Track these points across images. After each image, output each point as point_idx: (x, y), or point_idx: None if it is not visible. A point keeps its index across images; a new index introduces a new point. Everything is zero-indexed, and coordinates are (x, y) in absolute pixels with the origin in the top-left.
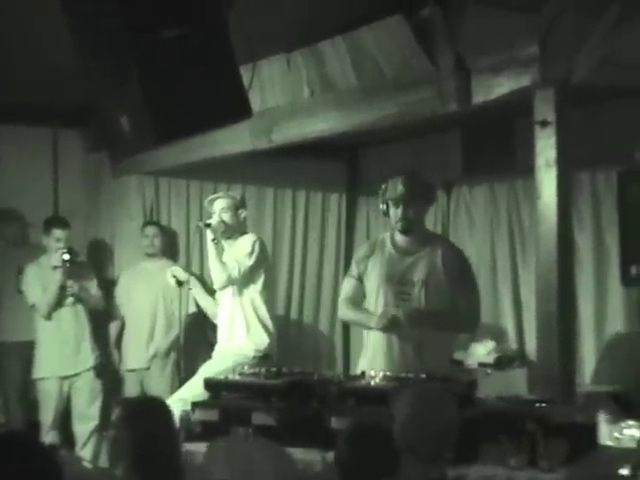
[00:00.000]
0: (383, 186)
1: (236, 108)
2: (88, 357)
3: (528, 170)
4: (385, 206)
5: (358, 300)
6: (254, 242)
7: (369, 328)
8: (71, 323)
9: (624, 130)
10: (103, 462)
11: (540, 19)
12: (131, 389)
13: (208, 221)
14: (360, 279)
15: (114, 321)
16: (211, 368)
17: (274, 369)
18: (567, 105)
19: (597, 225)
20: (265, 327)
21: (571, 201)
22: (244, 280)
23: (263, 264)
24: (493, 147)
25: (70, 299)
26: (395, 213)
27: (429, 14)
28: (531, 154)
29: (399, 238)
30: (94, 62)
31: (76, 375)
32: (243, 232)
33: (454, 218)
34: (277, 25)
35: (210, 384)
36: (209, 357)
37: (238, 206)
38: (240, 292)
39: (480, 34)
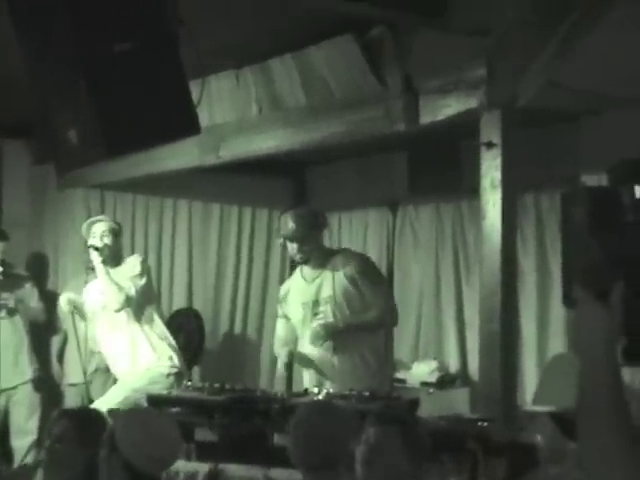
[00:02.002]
0: (277, 224)
1: (185, 124)
2: (26, 370)
3: (473, 191)
4: (282, 241)
5: (290, 338)
6: (142, 262)
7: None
8: (8, 335)
9: (569, 153)
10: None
11: (487, 42)
12: (71, 404)
13: (92, 243)
14: (286, 316)
15: (56, 334)
16: (124, 388)
17: (217, 385)
18: (513, 127)
19: (541, 247)
20: (170, 345)
21: (516, 222)
22: (141, 301)
23: (152, 285)
24: (439, 167)
25: (3, 311)
26: (292, 247)
27: (378, 34)
28: (476, 175)
29: (304, 267)
30: (42, 75)
31: (14, 388)
32: (121, 259)
33: (399, 237)
34: (227, 41)
35: (153, 399)
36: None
37: (117, 232)
38: (137, 315)
39: (428, 55)
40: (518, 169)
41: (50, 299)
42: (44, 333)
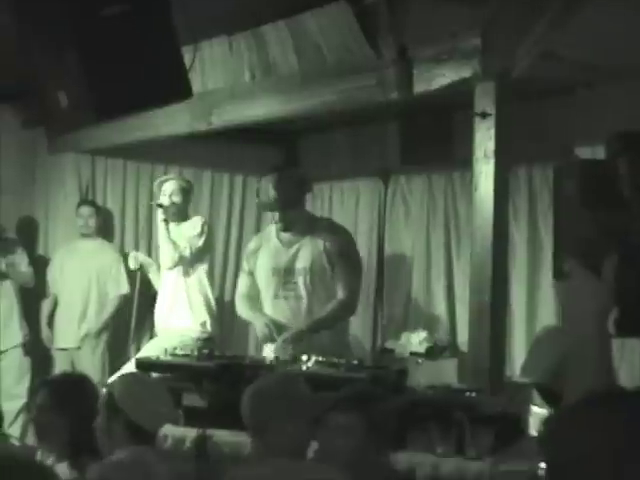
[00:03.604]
0: (256, 188)
1: (176, 88)
2: (16, 334)
3: (466, 162)
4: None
5: (253, 294)
6: (203, 224)
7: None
8: None
9: (563, 125)
10: (30, 440)
11: (483, 11)
12: (61, 368)
13: (159, 201)
14: (251, 273)
15: (46, 299)
16: (154, 347)
17: (206, 351)
18: (507, 98)
19: (532, 219)
20: (209, 309)
21: (508, 194)
22: (193, 260)
23: (210, 246)
24: (431, 138)
25: None
26: (272, 215)
27: (373, 2)
28: (469, 146)
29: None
30: (32, 37)
31: (4, 352)
32: (186, 216)
33: (390, 207)
34: (220, 7)
35: (142, 364)
36: (141, 339)
37: (187, 190)
38: (187, 272)
39: (423, 24)
40: (511, 141)
41: (40, 264)
42: (33, 297)
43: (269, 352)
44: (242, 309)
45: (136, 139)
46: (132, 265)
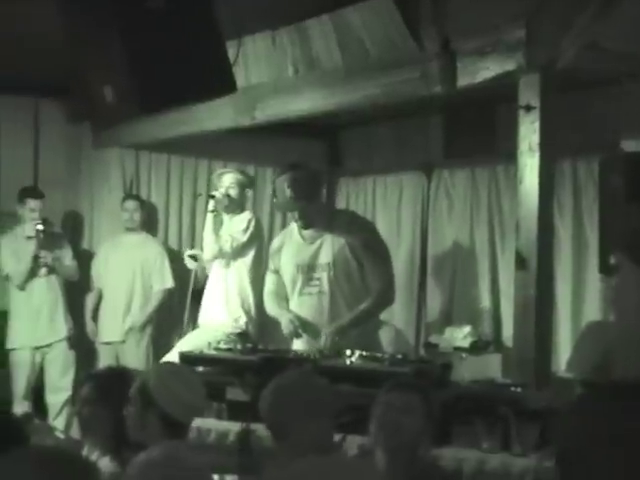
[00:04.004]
0: (272, 189)
1: (221, 82)
2: (61, 328)
3: (509, 155)
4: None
5: (280, 292)
6: (250, 220)
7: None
8: (44, 293)
9: (608, 118)
10: (75, 433)
11: (527, 3)
12: (106, 362)
13: (213, 192)
14: (277, 272)
15: (90, 293)
16: (189, 341)
17: (250, 345)
18: (552, 90)
19: (577, 213)
20: (244, 304)
21: (553, 187)
22: (234, 256)
23: (256, 242)
24: (475, 131)
25: (44, 269)
26: (292, 213)
27: None
28: (513, 139)
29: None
30: (78, 31)
31: (49, 346)
32: (243, 209)
33: (434, 202)
34: (263, 2)
35: (186, 358)
36: (185, 333)
37: (245, 184)
38: (228, 265)
39: (466, 16)
40: (556, 134)
41: (84, 258)
42: (78, 291)
43: (298, 346)
44: (269, 307)
45: (180, 134)
46: (190, 265)
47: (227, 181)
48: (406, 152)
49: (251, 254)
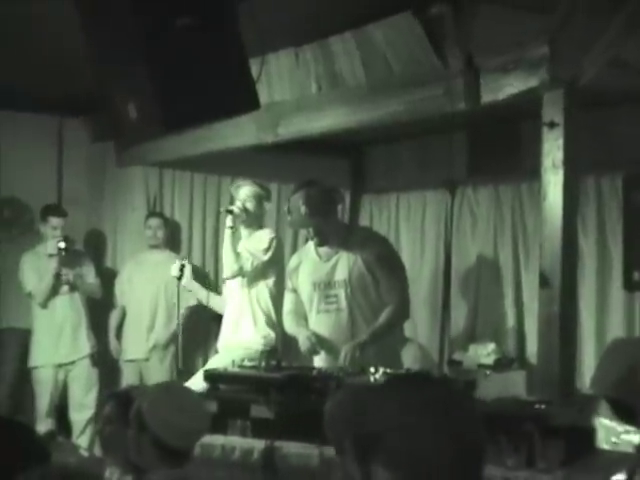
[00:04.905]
0: (287, 207)
1: (244, 99)
2: (84, 345)
3: (533, 173)
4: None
5: (299, 311)
6: (272, 239)
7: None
8: (67, 311)
9: (631, 135)
10: (99, 451)
11: (550, 19)
12: (129, 379)
13: (230, 207)
14: (295, 290)
15: (114, 310)
16: (219, 361)
17: (274, 362)
18: (575, 107)
19: (601, 230)
20: (271, 322)
21: (577, 203)
22: (255, 274)
23: (277, 261)
24: (498, 148)
25: (66, 287)
26: (307, 231)
27: (439, 12)
28: (537, 156)
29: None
30: (102, 50)
31: (72, 363)
32: (261, 224)
33: (457, 219)
34: (287, 19)
35: (209, 376)
36: (208, 350)
37: (263, 197)
38: (250, 284)
39: (490, 33)
40: (579, 150)
41: (107, 276)
42: (101, 309)
43: (319, 364)
44: (288, 325)
45: (204, 151)
46: (174, 272)
47: (244, 194)
48: (429, 169)
49: (272, 273)
